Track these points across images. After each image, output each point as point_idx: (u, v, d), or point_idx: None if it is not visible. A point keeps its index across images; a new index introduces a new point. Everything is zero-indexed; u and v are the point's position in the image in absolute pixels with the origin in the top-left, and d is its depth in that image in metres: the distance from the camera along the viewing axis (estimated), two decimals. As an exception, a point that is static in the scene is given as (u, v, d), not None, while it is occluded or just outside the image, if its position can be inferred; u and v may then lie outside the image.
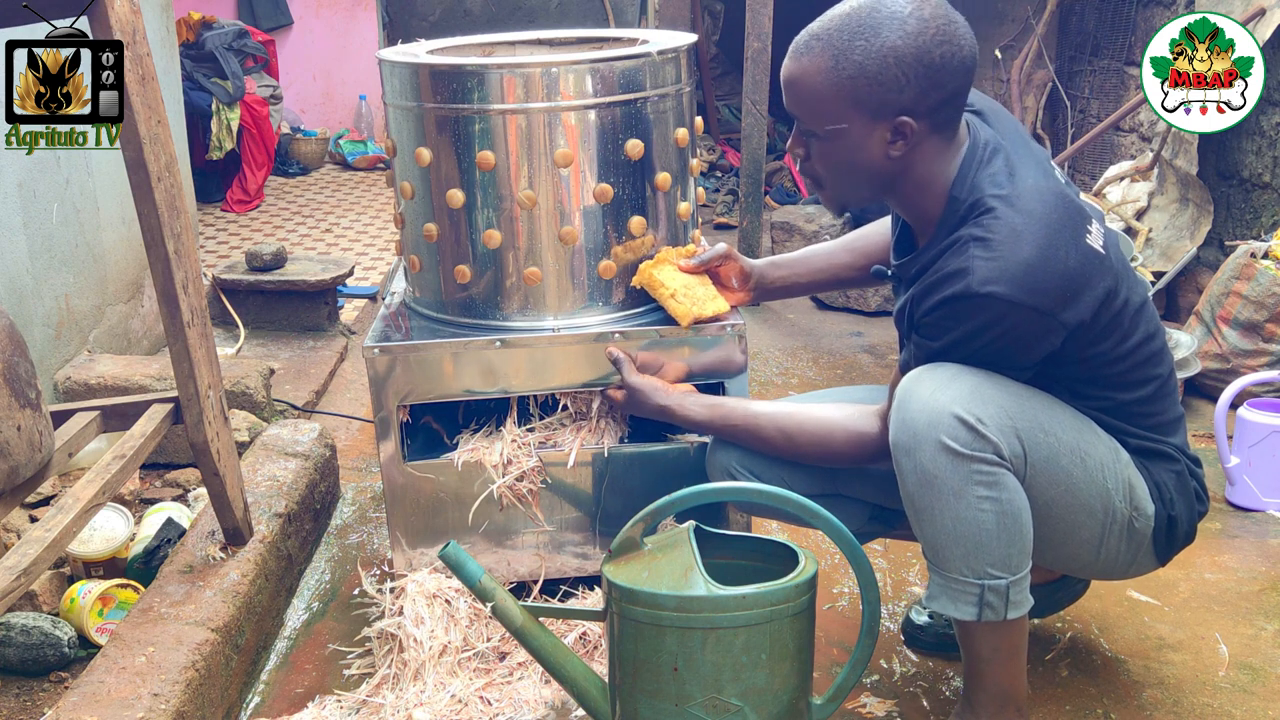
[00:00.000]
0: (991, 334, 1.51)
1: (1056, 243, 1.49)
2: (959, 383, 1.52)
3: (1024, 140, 1.65)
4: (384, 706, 1.83)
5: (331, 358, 3.44)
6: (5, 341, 1.64)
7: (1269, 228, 3.27)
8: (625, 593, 1.60)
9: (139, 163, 1.70)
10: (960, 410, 1.50)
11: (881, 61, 1.51)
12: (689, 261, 2.00)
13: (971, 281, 1.48)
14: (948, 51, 1.51)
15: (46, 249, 2.70)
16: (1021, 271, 1.47)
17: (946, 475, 1.52)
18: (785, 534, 2.20)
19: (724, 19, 6.78)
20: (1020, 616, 1.58)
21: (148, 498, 2.47)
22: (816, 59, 1.55)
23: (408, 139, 1.99)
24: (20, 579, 1.52)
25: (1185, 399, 3.05)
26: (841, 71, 1.53)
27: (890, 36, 1.50)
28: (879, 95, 1.53)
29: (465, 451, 2.02)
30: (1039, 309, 1.48)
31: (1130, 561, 1.69)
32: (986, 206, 1.53)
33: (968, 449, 1.50)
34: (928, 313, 1.54)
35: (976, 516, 1.52)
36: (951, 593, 1.57)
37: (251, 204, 5.51)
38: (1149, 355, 1.64)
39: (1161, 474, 1.66)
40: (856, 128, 1.56)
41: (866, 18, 1.52)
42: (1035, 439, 1.55)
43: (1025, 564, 1.57)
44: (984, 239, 1.49)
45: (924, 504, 1.55)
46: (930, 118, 1.55)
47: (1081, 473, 1.59)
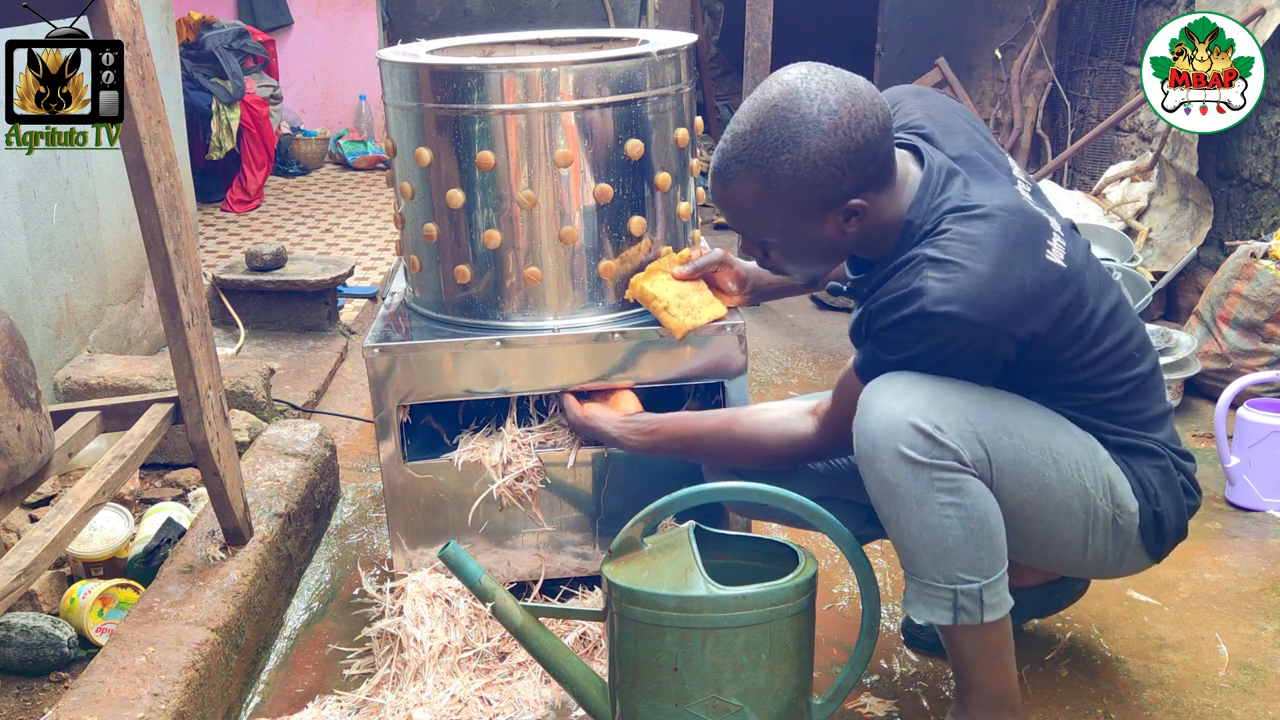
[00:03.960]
0: (947, 351, 1.53)
1: (1011, 260, 1.50)
2: (916, 391, 1.53)
3: (981, 150, 1.65)
4: (384, 706, 1.83)
5: (331, 358, 3.44)
6: (5, 341, 1.64)
7: (1269, 228, 3.27)
8: (625, 593, 1.60)
9: (139, 163, 1.70)
10: (917, 419, 1.51)
11: (813, 168, 1.52)
12: (683, 269, 1.99)
13: (926, 302, 1.49)
14: (867, 128, 1.52)
15: (46, 249, 2.70)
16: (975, 291, 1.48)
17: (907, 484, 1.53)
18: (785, 534, 2.20)
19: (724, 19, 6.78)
20: (999, 619, 1.59)
21: (148, 498, 2.47)
22: (746, 183, 1.56)
23: (408, 139, 1.99)
24: (20, 579, 1.52)
25: (1185, 399, 3.05)
26: (777, 188, 1.54)
27: (812, 141, 1.51)
28: (821, 196, 1.55)
29: (465, 451, 2.02)
30: (994, 326, 1.50)
31: (1120, 559, 1.69)
32: (941, 228, 1.54)
33: (927, 457, 1.51)
34: (884, 329, 1.55)
35: (941, 523, 1.53)
36: (926, 598, 1.58)
37: (251, 204, 5.51)
38: (1122, 359, 1.65)
39: (1145, 470, 1.66)
40: (809, 226, 1.59)
41: (780, 130, 1.52)
42: (999, 442, 1.56)
43: (998, 567, 1.57)
44: (937, 259, 1.51)
45: (889, 513, 1.57)
46: (874, 184, 1.57)
47: (1055, 473, 1.59)
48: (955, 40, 4.96)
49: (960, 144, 1.65)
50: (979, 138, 1.68)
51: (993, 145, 1.69)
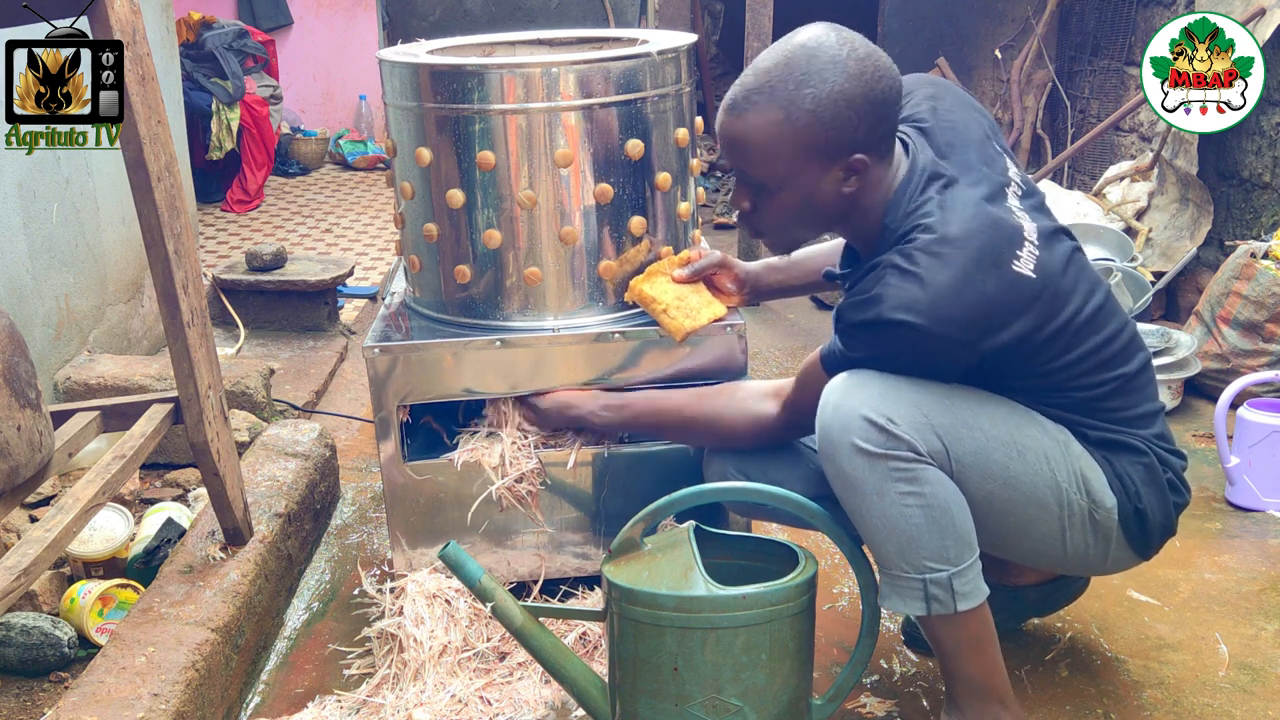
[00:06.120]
0: (904, 357, 1.56)
1: (974, 273, 1.51)
2: (870, 386, 1.56)
3: (979, 151, 1.65)
4: (384, 706, 1.83)
5: (331, 358, 3.44)
6: (5, 341, 1.64)
7: (1269, 228, 3.27)
8: (625, 593, 1.60)
9: (139, 163, 1.70)
10: (869, 412, 1.53)
11: (834, 106, 1.54)
12: (682, 272, 1.99)
13: (884, 309, 1.51)
14: (886, 85, 1.56)
15: (46, 249, 2.70)
16: (934, 300, 1.50)
17: (864, 476, 1.55)
18: (785, 534, 2.20)
19: (724, 19, 6.78)
20: (974, 608, 1.59)
21: (148, 498, 2.47)
22: (764, 113, 1.57)
23: (408, 139, 1.98)
24: (20, 579, 1.52)
25: (1185, 399, 3.05)
26: (796, 122, 1.56)
27: (837, 81, 1.54)
28: (835, 139, 1.57)
29: (465, 452, 2.01)
30: (950, 338, 1.52)
31: (1104, 555, 1.69)
32: (910, 237, 1.56)
33: (880, 448, 1.53)
34: (847, 328, 1.59)
35: (903, 513, 1.55)
36: (898, 589, 1.60)
37: (251, 204, 5.51)
38: (1105, 359, 1.65)
39: (1125, 466, 1.66)
40: (811, 173, 1.60)
41: (806, 65, 1.55)
42: (957, 434, 1.57)
43: (966, 555, 1.58)
44: (901, 267, 1.53)
45: (852, 506, 1.59)
46: (878, 149, 1.60)
47: (1020, 465, 1.60)
48: (955, 40, 4.97)
49: (956, 143, 1.66)
50: (981, 136, 1.68)
51: (995, 145, 1.70)
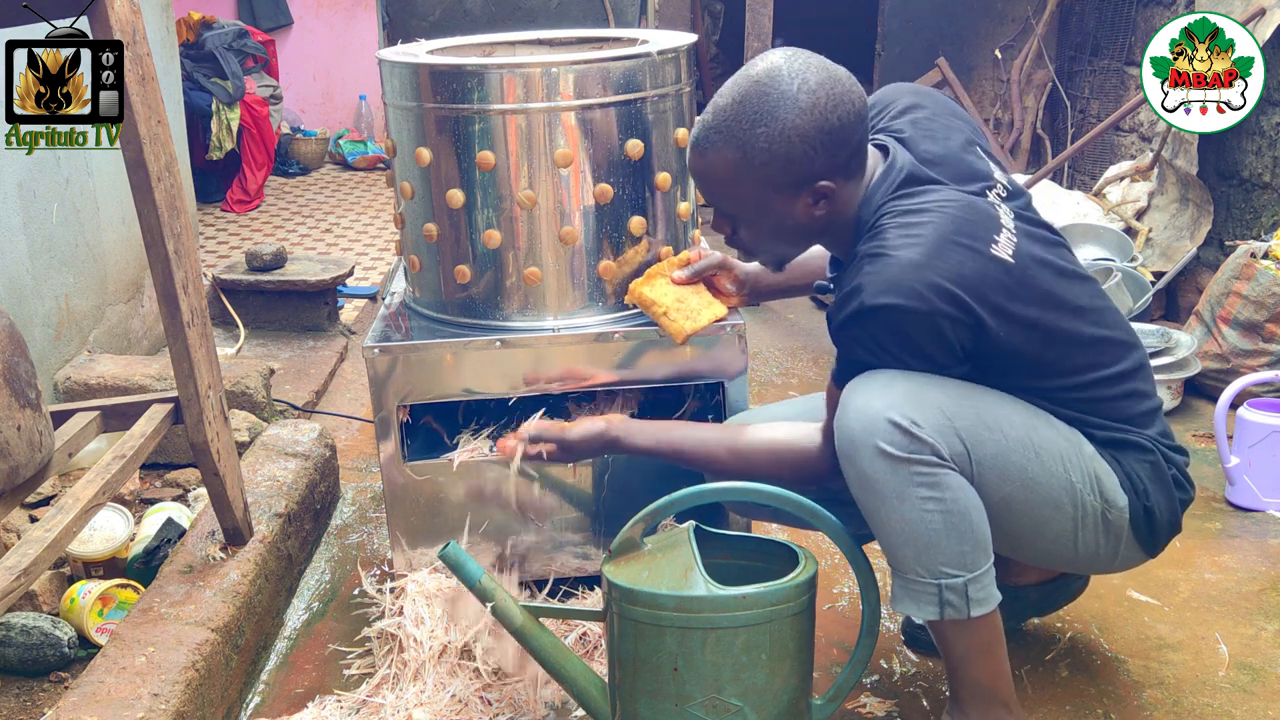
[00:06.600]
0: (897, 343, 1.54)
1: (945, 248, 1.51)
2: (894, 388, 1.54)
3: (960, 158, 1.65)
4: (384, 706, 1.83)
5: (331, 358, 3.44)
6: (5, 341, 1.64)
7: (1269, 228, 3.27)
8: (625, 593, 1.60)
9: (139, 163, 1.70)
10: (894, 415, 1.52)
11: (787, 143, 1.56)
12: (682, 273, 1.99)
13: (864, 298, 1.51)
14: (843, 113, 1.56)
15: (46, 249, 2.70)
16: (905, 277, 1.49)
17: (886, 479, 1.54)
18: (785, 534, 2.20)
19: (724, 19, 6.78)
20: (987, 614, 1.59)
21: (148, 498, 2.47)
22: (721, 153, 1.59)
23: (408, 139, 1.98)
24: (20, 579, 1.52)
25: (1185, 399, 3.05)
26: (751, 160, 1.58)
27: (788, 117, 1.55)
28: (793, 172, 1.58)
29: (465, 452, 2.02)
30: (932, 311, 1.50)
31: (1114, 554, 1.69)
32: (880, 224, 1.57)
33: (904, 452, 1.52)
34: (838, 333, 1.58)
35: (922, 517, 1.54)
36: (912, 594, 1.59)
37: (251, 204, 5.51)
38: (1105, 358, 1.65)
39: (1133, 465, 1.66)
40: (778, 203, 1.62)
41: (759, 104, 1.56)
42: (978, 436, 1.56)
43: (982, 561, 1.57)
44: (873, 253, 1.54)
45: (871, 509, 1.58)
46: (844, 171, 1.60)
47: (1038, 467, 1.60)
48: (955, 40, 4.97)
49: (935, 150, 1.65)
50: (962, 142, 1.68)
51: (979, 153, 1.70)
